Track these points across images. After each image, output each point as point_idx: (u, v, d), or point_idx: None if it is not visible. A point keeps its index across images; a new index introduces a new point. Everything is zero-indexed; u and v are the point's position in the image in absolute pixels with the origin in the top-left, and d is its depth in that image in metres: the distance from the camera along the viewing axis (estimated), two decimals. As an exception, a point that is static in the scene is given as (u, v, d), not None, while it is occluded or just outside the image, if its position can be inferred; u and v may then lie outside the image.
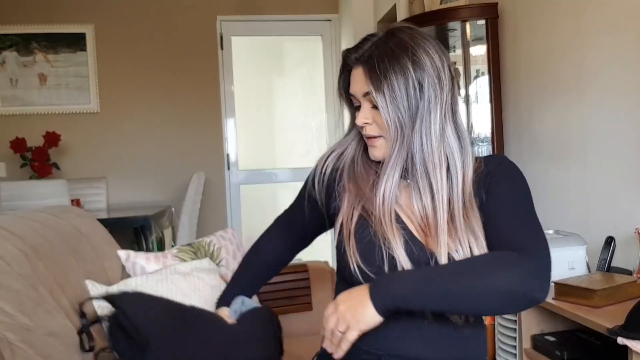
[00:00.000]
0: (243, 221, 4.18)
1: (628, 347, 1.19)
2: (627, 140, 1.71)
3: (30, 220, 1.27)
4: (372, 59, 0.92)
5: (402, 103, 0.90)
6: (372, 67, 0.91)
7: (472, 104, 2.68)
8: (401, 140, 0.91)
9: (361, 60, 0.94)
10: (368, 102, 0.94)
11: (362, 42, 0.95)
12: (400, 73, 0.90)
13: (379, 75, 0.90)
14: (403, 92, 0.90)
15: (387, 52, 0.91)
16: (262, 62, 4.31)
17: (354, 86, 0.96)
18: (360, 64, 0.94)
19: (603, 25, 1.80)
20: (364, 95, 0.94)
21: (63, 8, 3.93)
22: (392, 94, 0.90)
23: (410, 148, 0.92)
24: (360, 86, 0.94)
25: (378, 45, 0.93)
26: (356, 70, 0.95)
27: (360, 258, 0.91)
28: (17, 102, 3.91)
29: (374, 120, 0.95)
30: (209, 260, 1.60)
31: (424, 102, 0.90)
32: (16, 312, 1.00)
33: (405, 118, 0.90)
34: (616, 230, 1.70)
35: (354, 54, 0.95)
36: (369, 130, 0.96)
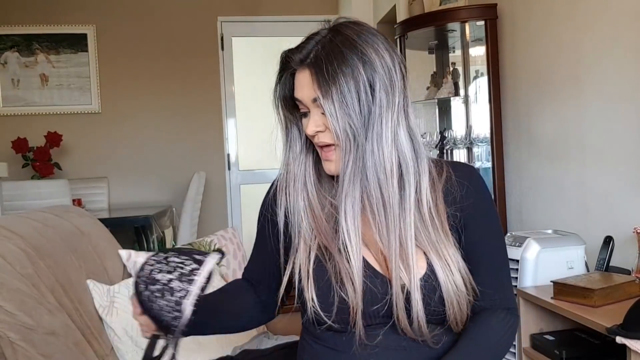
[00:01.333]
0: (243, 221, 4.19)
1: (627, 346, 1.19)
2: (626, 140, 1.72)
3: (32, 220, 1.28)
4: (319, 61, 0.81)
5: (353, 109, 0.80)
6: (319, 70, 0.81)
7: (472, 105, 2.69)
8: (355, 151, 0.81)
9: (306, 62, 0.83)
10: (317, 107, 0.84)
11: (305, 41, 0.85)
12: (349, 75, 0.80)
13: (327, 78, 0.80)
14: (354, 96, 0.80)
15: (335, 51, 0.81)
16: (262, 62, 4.31)
17: (300, 91, 0.85)
18: (305, 66, 0.83)
19: (601, 26, 1.80)
20: (313, 101, 0.83)
21: (64, 9, 3.94)
22: (343, 99, 0.80)
23: (364, 159, 0.81)
24: (308, 91, 0.83)
25: (324, 44, 0.82)
26: (302, 74, 0.84)
27: (318, 304, 0.83)
28: (18, 103, 3.92)
29: (326, 127, 0.83)
30: (209, 260, 1.60)
31: (376, 106, 0.81)
32: (17, 312, 1.01)
33: (357, 125, 0.80)
34: (615, 229, 1.71)
35: (298, 55, 0.84)
36: (323, 138, 0.84)
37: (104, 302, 1.30)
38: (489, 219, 0.91)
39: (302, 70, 0.84)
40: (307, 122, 0.86)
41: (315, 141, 0.86)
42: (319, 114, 0.84)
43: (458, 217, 0.88)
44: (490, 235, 0.90)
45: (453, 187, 0.88)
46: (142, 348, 1.27)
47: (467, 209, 0.88)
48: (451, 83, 2.65)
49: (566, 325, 1.59)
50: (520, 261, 1.69)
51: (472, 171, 0.93)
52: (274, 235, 0.93)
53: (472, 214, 0.89)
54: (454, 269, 0.83)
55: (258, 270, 0.99)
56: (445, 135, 2.66)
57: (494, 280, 0.89)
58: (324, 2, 4.23)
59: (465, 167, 0.94)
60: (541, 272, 1.66)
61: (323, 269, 0.84)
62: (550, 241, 1.72)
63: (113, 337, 1.28)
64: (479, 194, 0.90)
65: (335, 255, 0.83)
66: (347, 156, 0.82)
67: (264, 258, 0.97)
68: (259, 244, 0.99)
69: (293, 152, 0.92)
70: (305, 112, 0.87)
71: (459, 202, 0.88)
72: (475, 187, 0.90)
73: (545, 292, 1.55)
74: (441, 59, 2.83)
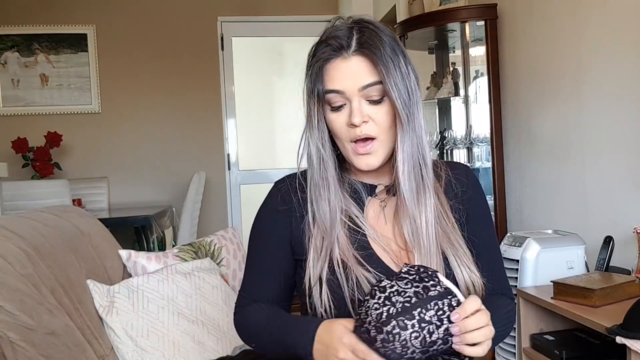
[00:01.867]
0: (243, 221, 4.19)
1: (627, 346, 1.19)
2: (626, 140, 1.72)
3: (32, 220, 1.28)
4: (369, 45, 0.81)
5: (408, 89, 0.82)
6: (374, 53, 0.80)
7: (472, 105, 2.69)
8: (410, 131, 0.82)
9: (352, 50, 0.82)
10: (363, 97, 0.83)
11: (336, 36, 0.83)
12: (398, 58, 0.82)
13: (385, 59, 0.80)
14: (406, 77, 0.82)
15: (377, 37, 0.82)
16: (262, 62, 4.32)
17: (343, 81, 0.82)
18: (353, 54, 0.82)
19: (601, 26, 1.80)
20: (362, 89, 0.82)
21: (65, 9, 3.94)
22: (402, 76, 0.81)
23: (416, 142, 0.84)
24: (357, 79, 0.81)
25: (362, 32, 0.83)
26: (346, 62, 0.82)
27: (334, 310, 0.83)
28: (18, 103, 3.92)
29: (370, 118, 0.83)
30: (209, 260, 1.61)
31: (415, 93, 0.83)
32: (18, 312, 1.01)
33: (410, 107, 0.82)
34: (615, 229, 1.71)
35: (347, 41, 0.82)
36: (367, 130, 0.83)
37: (104, 302, 1.30)
38: (486, 212, 0.97)
39: (354, 56, 0.82)
40: (347, 113, 0.84)
41: (357, 134, 0.84)
42: (363, 103, 0.83)
43: (461, 210, 0.91)
44: (487, 227, 0.95)
45: (453, 183, 0.91)
46: (142, 348, 1.28)
47: (467, 203, 0.92)
48: (451, 83, 2.65)
49: (566, 325, 1.59)
50: (520, 261, 1.69)
51: (467, 169, 0.97)
52: (287, 241, 0.90)
53: (472, 207, 0.93)
54: (463, 255, 0.86)
55: (274, 287, 0.92)
56: (445, 135, 2.66)
57: (493, 268, 0.94)
58: (324, 2, 4.23)
59: (460, 165, 0.98)
60: (541, 272, 1.67)
61: (337, 275, 0.83)
62: (550, 241, 1.72)
63: (113, 337, 1.28)
64: (477, 189, 0.95)
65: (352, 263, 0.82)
66: (405, 137, 0.83)
67: (275, 271, 0.92)
68: (267, 256, 0.92)
69: (327, 146, 0.89)
70: (339, 105, 0.84)
71: (459, 197, 0.92)
72: (472, 183, 0.95)
73: (545, 292, 1.55)
74: (441, 59, 2.83)
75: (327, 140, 0.88)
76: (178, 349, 1.31)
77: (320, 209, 0.86)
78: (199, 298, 1.43)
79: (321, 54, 0.84)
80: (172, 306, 1.37)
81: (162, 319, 1.34)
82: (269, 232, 0.91)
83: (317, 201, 0.87)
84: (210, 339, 1.38)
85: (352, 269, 0.82)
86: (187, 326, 1.36)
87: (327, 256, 0.84)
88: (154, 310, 1.34)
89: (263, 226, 0.93)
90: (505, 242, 1.79)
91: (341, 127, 0.85)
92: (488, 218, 0.97)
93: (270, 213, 0.92)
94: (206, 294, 1.46)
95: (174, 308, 1.37)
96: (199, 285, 1.46)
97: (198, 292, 1.44)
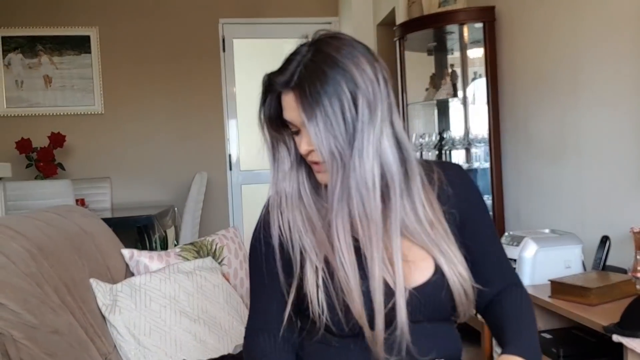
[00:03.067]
0: (245, 221, 4.21)
1: (623, 344, 1.20)
2: (622, 141, 1.73)
3: (36, 219, 1.29)
4: (302, 83, 0.81)
5: (338, 129, 0.80)
6: (302, 93, 0.80)
7: (470, 106, 2.70)
8: (342, 170, 0.81)
9: (290, 85, 0.82)
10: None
11: (287, 62, 0.84)
12: (333, 95, 0.79)
13: (310, 101, 0.79)
14: (339, 116, 0.80)
15: (317, 72, 0.80)
16: (263, 64, 4.29)
17: (288, 113, 0.84)
18: (290, 89, 0.82)
19: (599, 27, 1.82)
20: (302, 123, 0.82)
21: (68, 11, 3.96)
22: (328, 120, 0.79)
23: (349, 177, 0.81)
24: (295, 114, 0.82)
25: (305, 65, 0.81)
26: (287, 96, 0.83)
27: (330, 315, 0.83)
28: (22, 104, 3.94)
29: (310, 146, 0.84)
30: (211, 259, 1.62)
31: (359, 122, 0.80)
32: (21, 310, 1.01)
33: (343, 145, 0.80)
34: (611, 229, 1.72)
35: (281, 78, 0.82)
36: (314, 157, 0.84)
37: (107, 300, 1.31)
38: (484, 209, 0.97)
39: (287, 93, 0.83)
40: (299, 140, 0.86)
41: (309, 159, 0.86)
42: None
43: (454, 214, 0.90)
44: (487, 223, 0.96)
45: (446, 186, 0.91)
46: (144, 347, 1.30)
47: (463, 204, 0.92)
48: (450, 84, 2.66)
49: (563, 324, 1.60)
50: (518, 260, 1.70)
51: (460, 169, 0.97)
52: (279, 266, 0.89)
53: (469, 209, 0.93)
54: (457, 262, 0.86)
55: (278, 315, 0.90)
56: (444, 136, 2.68)
57: (500, 264, 0.96)
58: (325, 5, 4.24)
59: (453, 165, 0.98)
60: (539, 271, 1.68)
61: (329, 280, 0.84)
62: (548, 241, 1.73)
63: (116, 335, 1.29)
64: (472, 190, 0.95)
65: (337, 266, 0.83)
66: (335, 177, 0.81)
67: (277, 297, 0.90)
68: (265, 284, 0.91)
69: (282, 170, 0.90)
70: (296, 130, 0.86)
71: (453, 199, 0.91)
72: (466, 183, 0.94)
73: (543, 291, 1.56)
74: (440, 60, 2.85)
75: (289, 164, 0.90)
76: (180, 347, 1.32)
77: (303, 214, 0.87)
78: (200, 297, 1.44)
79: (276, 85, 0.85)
80: (174, 305, 1.38)
81: (164, 318, 1.35)
82: (263, 256, 0.91)
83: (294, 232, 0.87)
84: (211, 338, 1.39)
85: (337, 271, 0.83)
86: (189, 325, 1.37)
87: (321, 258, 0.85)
88: (156, 308, 1.35)
89: (256, 253, 0.92)
90: (503, 241, 1.81)
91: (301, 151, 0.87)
92: (486, 214, 0.98)
93: (264, 237, 0.91)
94: (208, 292, 1.47)
95: (176, 307, 1.38)
96: (201, 284, 1.47)
97: (200, 291, 1.45)
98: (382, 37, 3.60)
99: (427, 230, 0.86)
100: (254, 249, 0.93)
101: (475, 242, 0.93)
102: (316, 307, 0.83)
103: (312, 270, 0.85)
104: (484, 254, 0.94)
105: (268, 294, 0.92)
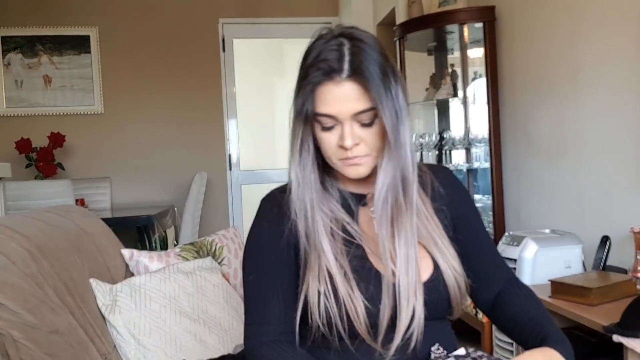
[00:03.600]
0: (244, 221, 4.21)
1: (623, 344, 1.20)
2: (622, 140, 1.73)
3: (36, 219, 1.29)
4: (364, 70, 0.79)
5: (394, 113, 0.81)
6: (369, 77, 0.79)
7: (470, 105, 2.70)
8: (397, 155, 0.83)
9: (352, 73, 0.79)
10: (355, 120, 0.82)
11: (327, 55, 0.81)
12: (390, 77, 0.81)
13: (378, 85, 0.79)
14: (395, 100, 0.81)
15: (368, 58, 0.80)
16: (263, 64, 4.33)
17: (335, 105, 0.80)
18: (350, 79, 0.80)
19: (598, 28, 1.82)
20: (355, 115, 0.81)
21: (67, 11, 3.96)
22: (392, 100, 0.80)
23: (400, 163, 0.83)
24: (354, 104, 0.80)
25: (353, 53, 0.80)
26: (343, 87, 0.80)
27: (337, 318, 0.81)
28: (22, 104, 3.94)
29: (360, 139, 0.83)
30: (211, 259, 1.62)
31: (404, 109, 0.83)
32: (21, 310, 1.01)
33: (397, 128, 0.82)
34: (611, 229, 1.72)
35: (339, 65, 0.79)
36: (358, 151, 0.83)
37: (107, 300, 1.31)
38: (475, 209, 1.00)
39: (339, 84, 0.80)
40: (338, 134, 0.83)
41: (347, 155, 0.83)
42: (355, 126, 0.82)
43: (444, 211, 0.92)
44: (479, 220, 0.99)
45: (436, 185, 0.93)
46: (144, 347, 1.29)
47: (454, 203, 0.94)
48: (450, 84, 2.66)
49: (564, 324, 1.59)
50: (518, 260, 1.70)
51: (449, 171, 0.99)
52: (292, 257, 0.87)
53: (461, 206, 0.95)
54: (450, 256, 0.87)
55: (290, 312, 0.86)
56: (444, 136, 2.68)
57: (495, 259, 0.98)
58: (325, 5, 4.24)
59: (443, 168, 1.01)
60: (539, 271, 1.68)
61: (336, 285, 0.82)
62: (548, 241, 1.73)
63: (116, 335, 1.29)
64: (462, 190, 0.98)
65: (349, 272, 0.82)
66: (390, 161, 0.83)
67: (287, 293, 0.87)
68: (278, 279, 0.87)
69: (307, 169, 0.87)
70: (330, 126, 0.83)
71: (445, 198, 0.93)
72: (456, 185, 0.97)
73: (543, 291, 1.56)
74: (440, 60, 2.85)
75: (311, 161, 0.87)
76: (180, 348, 1.32)
77: (302, 228, 0.85)
78: (200, 297, 1.44)
79: (312, 78, 0.81)
80: (174, 305, 1.38)
81: (164, 318, 1.35)
82: (273, 252, 0.88)
83: (300, 221, 0.86)
84: (212, 338, 1.39)
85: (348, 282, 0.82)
86: (189, 325, 1.37)
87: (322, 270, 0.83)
88: (156, 309, 1.35)
89: (265, 247, 0.88)
90: (503, 241, 1.81)
91: (331, 147, 0.84)
92: (478, 214, 1.00)
93: (270, 234, 0.88)
94: (208, 292, 1.47)
95: (176, 307, 1.38)
96: (201, 284, 1.47)
97: (200, 291, 1.45)
98: (382, 37, 3.60)
99: (425, 223, 0.88)
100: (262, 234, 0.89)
101: (471, 238, 0.94)
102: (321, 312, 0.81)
103: (324, 274, 0.82)
104: (480, 249, 0.96)
105: (270, 292, 0.86)
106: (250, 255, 0.90)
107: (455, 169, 2.66)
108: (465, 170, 2.72)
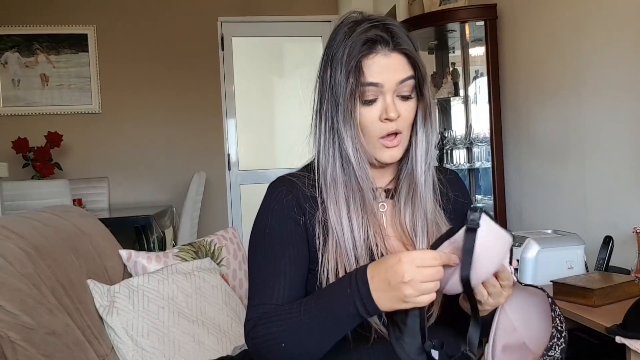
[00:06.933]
0: (243, 221, 4.20)
1: (626, 346, 1.19)
2: (625, 140, 1.72)
3: (33, 220, 1.28)
4: (406, 43, 0.87)
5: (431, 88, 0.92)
6: (411, 50, 0.87)
7: (471, 105, 2.69)
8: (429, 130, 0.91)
9: (397, 46, 0.86)
10: (396, 92, 0.86)
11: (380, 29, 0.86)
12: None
13: (418, 58, 0.87)
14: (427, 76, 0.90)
15: (405, 35, 0.88)
16: (262, 62, 4.32)
17: (385, 74, 0.85)
18: (396, 50, 0.86)
19: (601, 26, 1.81)
20: (400, 82, 0.86)
21: (65, 9, 3.95)
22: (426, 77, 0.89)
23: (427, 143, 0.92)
24: (399, 73, 0.85)
25: (395, 32, 0.87)
26: (390, 58, 0.85)
27: None
28: (19, 103, 3.92)
29: (400, 113, 0.87)
30: (209, 260, 1.61)
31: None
32: (18, 311, 1.01)
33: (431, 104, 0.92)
34: (614, 229, 1.71)
35: (386, 39, 0.85)
36: (398, 125, 0.87)
37: (104, 301, 1.30)
38: None
39: (387, 55, 0.86)
40: (379, 107, 0.86)
41: (388, 128, 0.87)
42: (396, 99, 0.87)
43: (450, 210, 0.96)
44: None
45: (445, 185, 0.97)
46: (142, 348, 1.28)
47: (459, 202, 0.99)
48: (451, 83, 2.65)
49: (566, 325, 1.59)
50: (520, 261, 1.69)
51: (456, 174, 1.04)
52: (301, 240, 0.87)
53: (464, 206, 0.98)
54: None
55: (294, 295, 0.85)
56: (445, 135, 2.67)
57: None
58: (324, 3, 4.24)
59: (450, 170, 1.05)
60: (541, 271, 1.67)
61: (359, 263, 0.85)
62: (550, 241, 1.72)
63: (113, 336, 1.28)
64: (466, 194, 1.02)
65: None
66: (425, 134, 0.91)
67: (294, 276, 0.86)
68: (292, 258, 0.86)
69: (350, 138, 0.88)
70: (370, 100, 0.86)
71: (450, 199, 0.97)
72: (462, 188, 1.02)
73: (545, 292, 1.55)
74: (441, 59, 2.84)
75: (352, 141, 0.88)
76: (178, 349, 1.31)
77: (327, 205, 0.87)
78: (199, 298, 1.43)
79: (358, 51, 0.85)
80: (173, 306, 1.38)
81: (163, 319, 1.34)
82: (285, 234, 0.87)
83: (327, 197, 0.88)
84: (210, 339, 1.38)
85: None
86: (187, 326, 1.36)
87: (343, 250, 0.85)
88: (154, 310, 1.34)
89: (276, 229, 0.87)
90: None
91: (373, 122, 0.87)
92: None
93: (281, 216, 0.88)
94: (206, 293, 1.46)
95: (174, 308, 1.37)
96: (199, 285, 1.46)
97: (198, 292, 1.44)
98: (381, 36, 3.58)
99: (433, 210, 0.92)
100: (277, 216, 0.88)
101: None
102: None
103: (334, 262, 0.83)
104: None
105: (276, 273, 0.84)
106: (258, 238, 0.89)
107: (456, 169, 2.65)
108: (467, 169, 2.72)
